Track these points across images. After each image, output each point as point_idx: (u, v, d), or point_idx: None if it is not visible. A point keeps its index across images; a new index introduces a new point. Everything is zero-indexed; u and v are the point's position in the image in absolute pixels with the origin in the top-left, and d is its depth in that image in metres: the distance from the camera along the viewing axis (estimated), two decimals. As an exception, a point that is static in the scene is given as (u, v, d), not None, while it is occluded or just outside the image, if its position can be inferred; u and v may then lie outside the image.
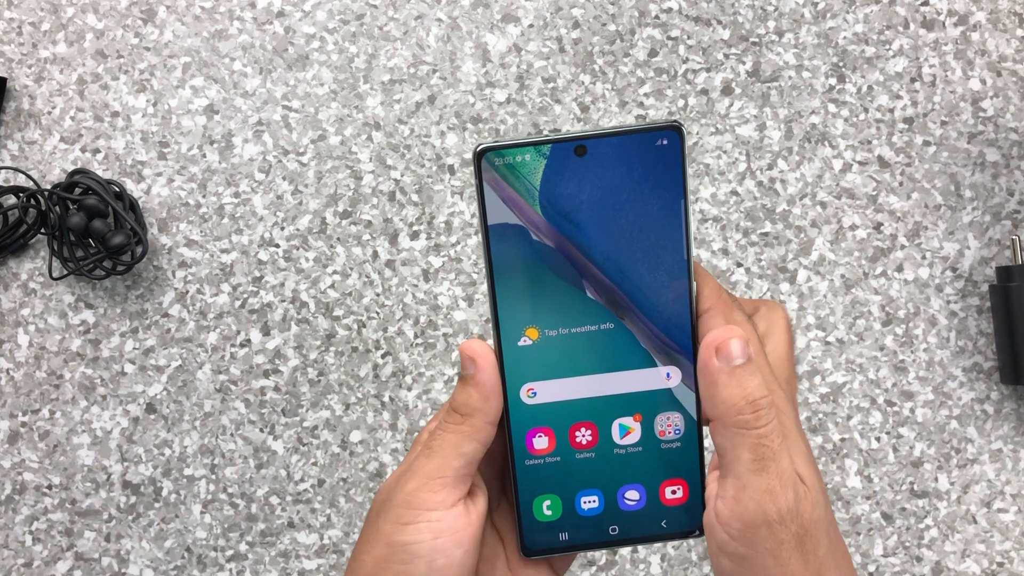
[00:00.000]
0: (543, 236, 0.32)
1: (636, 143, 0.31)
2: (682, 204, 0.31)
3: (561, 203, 0.31)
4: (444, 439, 0.32)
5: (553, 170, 0.31)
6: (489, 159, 0.31)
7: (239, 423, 0.55)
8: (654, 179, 0.31)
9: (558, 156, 0.31)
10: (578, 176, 0.31)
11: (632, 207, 0.31)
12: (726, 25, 0.56)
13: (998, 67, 0.55)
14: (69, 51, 0.56)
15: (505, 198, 0.31)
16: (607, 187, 0.31)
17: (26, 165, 0.56)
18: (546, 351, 0.33)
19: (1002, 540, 0.54)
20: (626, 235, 0.32)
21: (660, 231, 0.31)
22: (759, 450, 0.30)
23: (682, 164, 0.31)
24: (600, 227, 0.31)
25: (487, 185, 0.31)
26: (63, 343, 0.55)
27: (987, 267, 0.55)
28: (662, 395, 0.33)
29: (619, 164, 0.31)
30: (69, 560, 0.55)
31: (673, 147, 0.31)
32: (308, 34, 0.56)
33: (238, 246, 0.55)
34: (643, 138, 0.31)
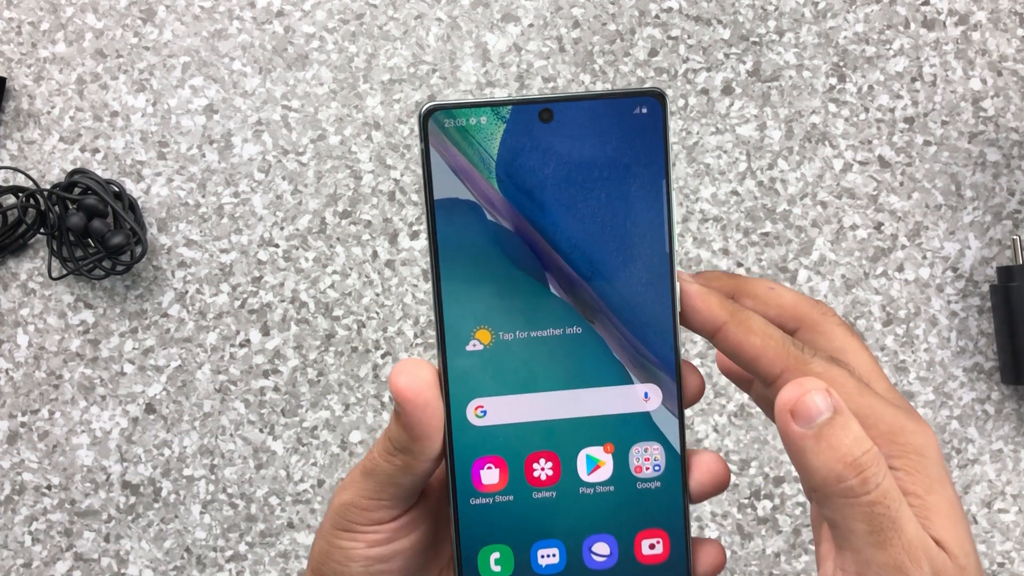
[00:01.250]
0: (499, 216, 0.27)
1: (611, 110, 0.27)
2: (663, 185, 0.27)
3: (522, 177, 0.27)
4: (380, 466, 0.28)
5: (513, 137, 0.26)
6: (437, 120, 0.26)
7: (239, 423, 0.55)
8: (631, 154, 0.27)
9: (519, 121, 0.26)
10: (542, 146, 0.27)
11: (605, 186, 0.27)
12: (726, 25, 0.56)
13: (999, 67, 0.55)
14: (68, 51, 0.56)
15: (456, 168, 0.26)
16: (576, 161, 0.27)
17: (25, 165, 0.56)
18: (499, 359, 0.27)
19: (1003, 540, 0.54)
20: (598, 219, 0.27)
21: (637, 216, 0.27)
22: (875, 520, 0.24)
23: (664, 137, 0.27)
24: (567, 208, 0.27)
25: (434, 151, 0.26)
26: (62, 343, 0.55)
27: (988, 267, 0.55)
28: (638, 420, 0.27)
29: (591, 134, 0.27)
30: (68, 560, 0.55)
31: (654, 117, 0.27)
32: (308, 33, 0.56)
33: (237, 246, 0.55)
34: (619, 104, 0.27)
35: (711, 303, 0.27)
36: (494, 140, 0.27)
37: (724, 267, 0.55)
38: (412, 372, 0.27)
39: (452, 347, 0.27)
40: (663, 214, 0.27)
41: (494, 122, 0.27)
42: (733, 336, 0.27)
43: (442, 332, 0.27)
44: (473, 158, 0.27)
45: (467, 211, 0.27)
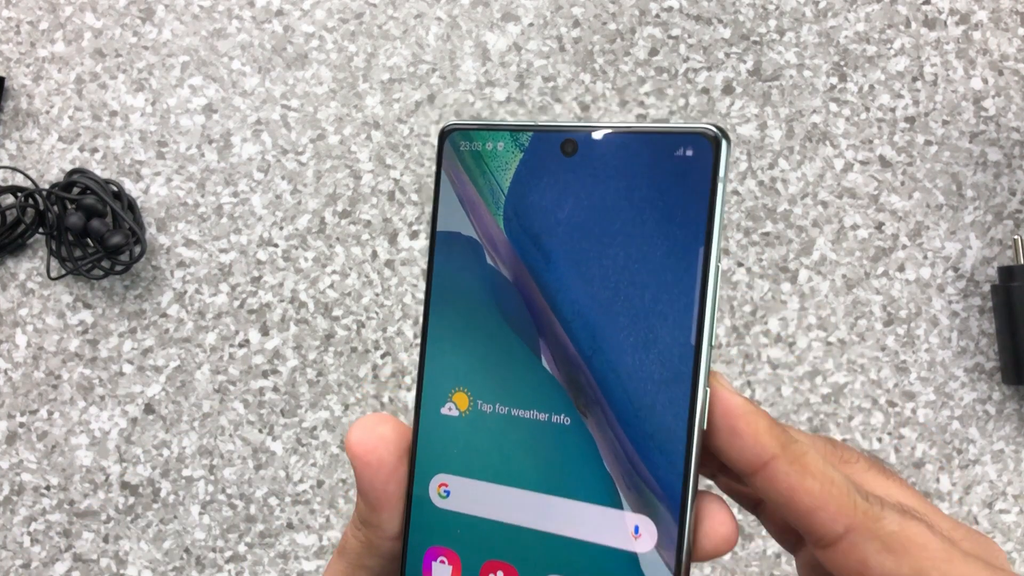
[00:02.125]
0: (500, 260, 0.23)
1: (647, 148, 0.22)
2: (700, 254, 0.21)
3: (530, 218, 0.22)
4: (349, 543, 0.25)
5: (529, 170, 0.23)
6: (454, 142, 0.23)
7: (238, 424, 0.54)
8: (665, 207, 0.21)
9: (539, 151, 0.23)
10: (560, 183, 0.22)
11: (627, 243, 0.22)
12: (727, 24, 0.55)
13: (1000, 66, 0.55)
14: (67, 50, 0.56)
15: (464, 198, 0.23)
16: (596, 206, 0.22)
17: (24, 164, 0.55)
18: (474, 432, 0.23)
19: (1004, 541, 0.54)
20: (611, 284, 0.22)
21: (661, 289, 0.21)
22: None
23: (710, 191, 0.21)
24: (576, 264, 0.22)
25: (445, 176, 0.23)
26: (61, 343, 0.55)
27: (989, 267, 0.55)
28: (623, 561, 0.21)
29: (617, 175, 0.22)
30: (67, 561, 0.55)
31: (701, 163, 0.21)
32: (307, 33, 0.56)
33: (237, 246, 0.55)
34: (658, 142, 0.22)
35: (759, 426, 0.21)
36: (508, 171, 0.23)
37: (725, 267, 0.55)
38: (368, 427, 0.23)
39: (427, 406, 0.23)
40: (694, 292, 0.21)
41: (512, 150, 0.23)
42: (784, 478, 0.20)
43: (420, 386, 0.23)
44: (483, 189, 0.23)
45: (467, 249, 0.23)
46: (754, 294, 0.55)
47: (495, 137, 0.23)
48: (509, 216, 0.23)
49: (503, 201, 0.23)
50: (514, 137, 0.23)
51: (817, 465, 0.21)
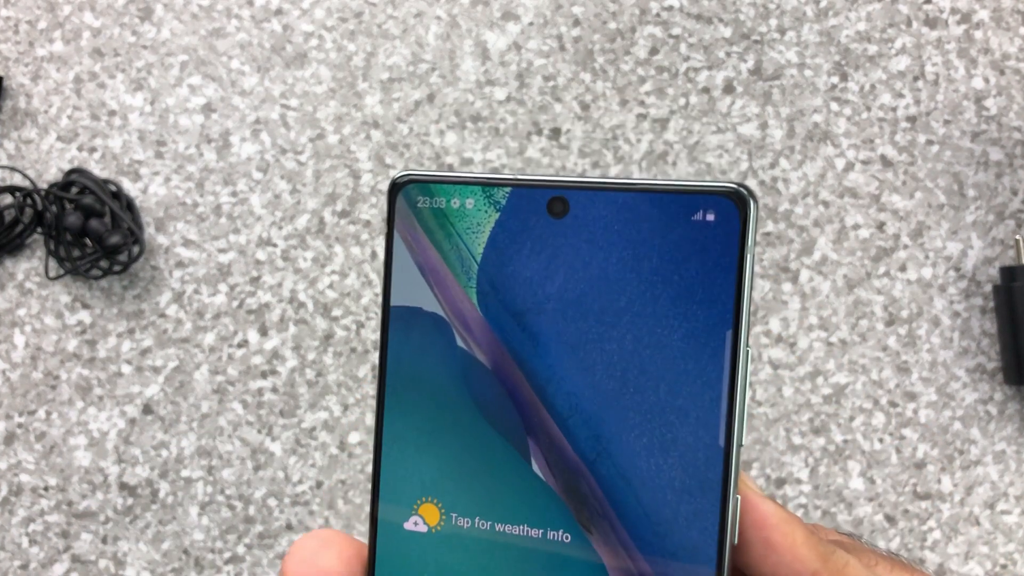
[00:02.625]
0: (474, 343, 0.19)
1: (659, 211, 0.18)
2: (728, 339, 0.18)
3: (512, 291, 0.19)
4: None
5: (508, 233, 0.19)
6: (409, 197, 0.19)
7: (237, 424, 0.54)
8: (683, 282, 0.18)
9: (520, 210, 0.19)
10: (547, 250, 0.19)
11: (636, 325, 0.18)
12: (727, 23, 0.55)
13: (1001, 65, 0.55)
14: (66, 49, 0.56)
15: (425, 266, 0.19)
16: (594, 279, 0.18)
17: (23, 164, 0.55)
18: (447, 553, 0.19)
19: (1006, 542, 0.54)
20: (617, 374, 0.18)
21: (683, 382, 0.18)
22: None
23: (738, 263, 0.18)
24: (573, 349, 0.18)
25: (399, 238, 0.19)
26: (59, 343, 0.55)
27: (990, 267, 0.54)
28: None
29: (622, 243, 0.18)
30: (66, 562, 0.54)
31: (726, 229, 0.18)
32: (306, 32, 0.55)
33: (235, 246, 0.55)
34: (673, 204, 0.18)
35: (795, 537, 0.18)
36: (481, 234, 0.19)
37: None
38: (307, 557, 0.18)
39: (385, 521, 0.19)
40: (721, 384, 0.18)
41: (485, 208, 0.19)
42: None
43: (376, 496, 0.19)
44: (449, 256, 0.19)
45: (432, 328, 0.19)
46: (755, 294, 0.55)
47: (463, 192, 0.19)
48: (484, 289, 0.19)
49: (475, 271, 0.19)
50: (487, 193, 0.19)
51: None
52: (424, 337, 0.19)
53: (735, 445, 0.18)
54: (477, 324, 0.19)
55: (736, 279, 0.18)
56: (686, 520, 0.18)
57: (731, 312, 0.18)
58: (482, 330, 0.19)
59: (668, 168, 0.54)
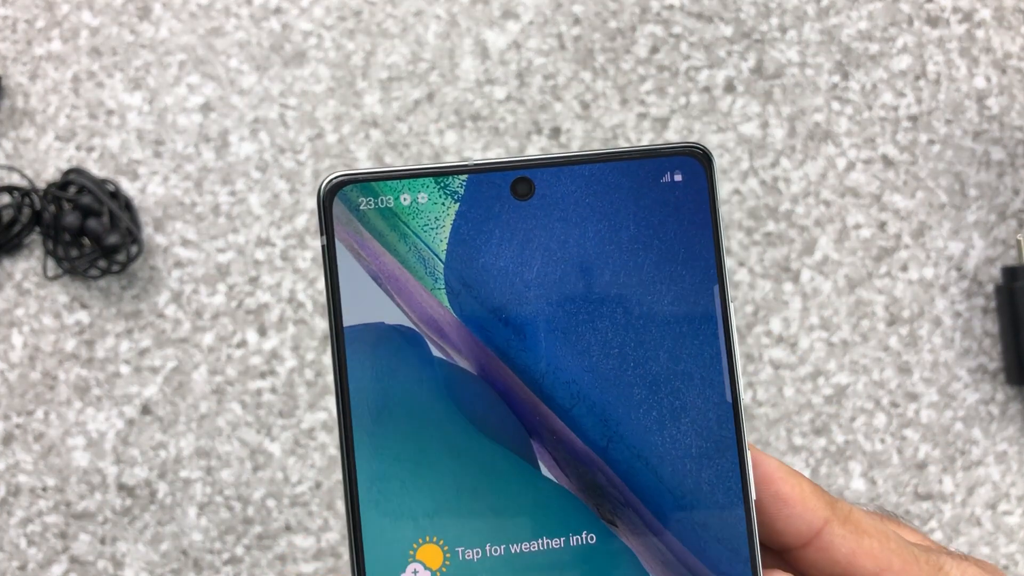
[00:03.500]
0: (453, 350, 0.17)
1: (626, 179, 0.18)
2: (716, 293, 0.18)
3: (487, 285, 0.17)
4: None
5: (471, 223, 0.17)
6: (348, 200, 0.17)
7: (235, 425, 0.54)
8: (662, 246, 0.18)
9: (481, 198, 0.18)
10: (519, 234, 0.18)
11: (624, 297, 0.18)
12: (728, 22, 0.55)
13: (1003, 64, 0.55)
14: (64, 48, 0.55)
15: (380, 274, 0.17)
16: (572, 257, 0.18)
17: (20, 163, 0.55)
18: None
19: (1007, 543, 0.54)
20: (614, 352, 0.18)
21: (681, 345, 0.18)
22: None
23: (712, 218, 0.18)
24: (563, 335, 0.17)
25: (343, 248, 0.17)
26: (57, 344, 0.54)
27: (992, 267, 0.54)
28: None
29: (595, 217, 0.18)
30: (64, 563, 0.54)
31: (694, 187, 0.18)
32: (305, 31, 0.55)
33: (234, 245, 0.55)
34: (635, 170, 0.18)
35: (804, 488, 0.18)
36: (441, 229, 0.17)
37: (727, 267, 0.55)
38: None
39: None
40: (717, 340, 0.18)
41: (441, 201, 0.17)
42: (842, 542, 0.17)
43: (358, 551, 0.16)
44: (409, 258, 0.17)
45: (400, 343, 0.17)
46: (756, 294, 0.55)
47: (413, 186, 0.17)
48: (455, 289, 0.17)
49: (441, 271, 0.17)
50: (441, 184, 0.17)
51: (869, 522, 0.18)
52: (392, 354, 0.17)
53: (740, 398, 0.18)
54: (453, 328, 0.17)
55: (713, 233, 0.18)
56: (709, 485, 0.17)
57: (714, 266, 0.18)
58: (460, 333, 0.17)
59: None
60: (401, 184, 0.18)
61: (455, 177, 0.18)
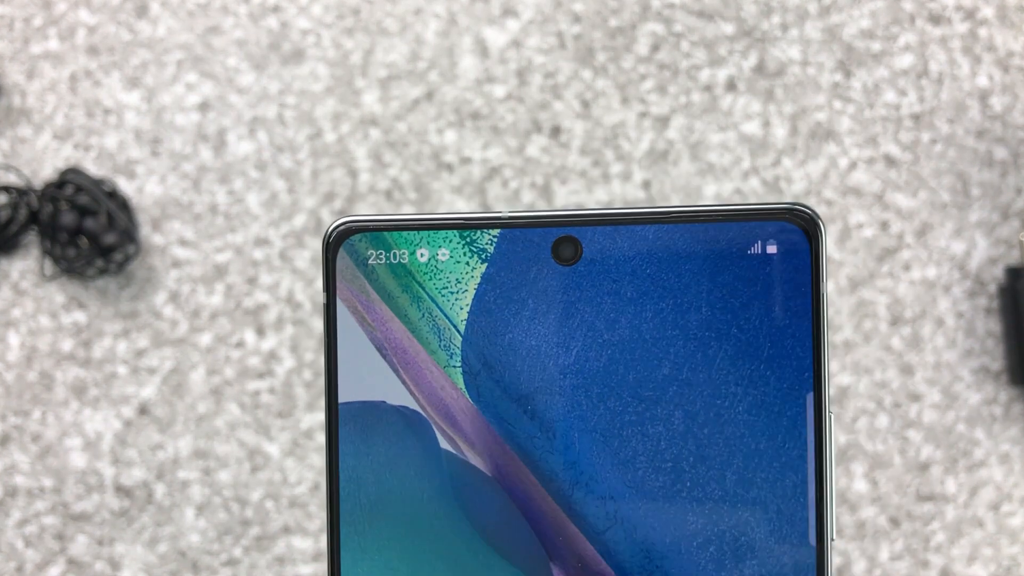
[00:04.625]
0: (465, 443, 0.14)
1: (702, 245, 0.14)
2: (809, 403, 0.14)
3: (514, 370, 0.14)
4: None
5: (501, 291, 0.14)
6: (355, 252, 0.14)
7: (233, 426, 0.54)
8: (742, 335, 0.14)
9: (516, 259, 0.14)
10: (557, 310, 0.14)
11: (686, 398, 0.14)
12: (729, 20, 0.55)
13: (1006, 63, 0.55)
14: (61, 47, 0.55)
15: (385, 344, 0.14)
16: (624, 343, 0.14)
17: (17, 163, 0.55)
18: None
19: (1010, 544, 0.54)
20: (668, 468, 0.14)
21: (756, 466, 0.14)
22: None
23: (813, 304, 0.14)
24: (603, 439, 0.14)
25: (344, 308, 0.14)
26: (55, 344, 0.54)
27: (995, 267, 0.54)
28: None
29: (655, 292, 0.14)
30: (61, 564, 0.54)
31: (791, 263, 0.14)
32: (303, 29, 0.55)
33: (232, 245, 0.54)
34: (721, 235, 0.14)
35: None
36: (463, 294, 0.14)
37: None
38: None
39: None
40: (805, 463, 0.14)
41: (465, 258, 0.14)
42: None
43: None
44: (421, 327, 0.14)
45: (403, 429, 0.14)
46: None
47: (432, 239, 0.14)
48: (474, 368, 0.14)
49: (459, 345, 0.14)
50: (467, 238, 0.14)
51: None
52: (393, 440, 0.14)
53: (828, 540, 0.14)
54: (467, 416, 0.14)
55: (812, 325, 0.14)
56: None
57: (810, 368, 0.14)
58: (475, 424, 0.14)
59: (669, 167, 0.54)
60: (419, 236, 0.14)
61: (485, 232, 0.14)
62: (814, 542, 0.14)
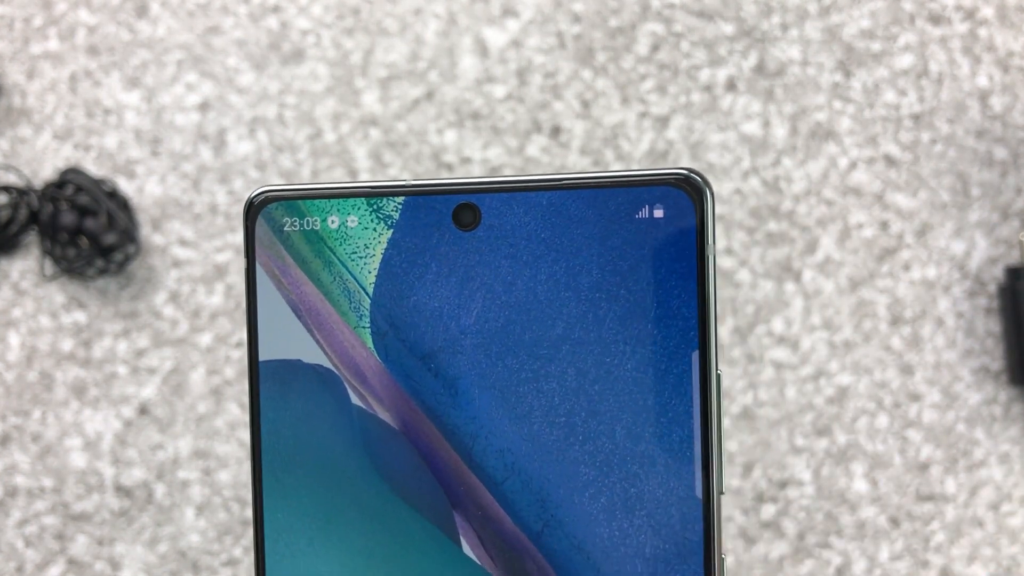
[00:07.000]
0: (374, 398, 0.15)
1: (593, 211, 0.15)
2: (694, 361, 0.15)
3: (418, 330, 0.15)
4: None
5: (404, 254, 0.15)
6: (271, 219, 0.15)
7: (234, 426, 0.54)
8: (630, 296, 0.15)
9: (419, 225, 0.15)
10: (459, 273, 0.15)
11: (577, 355, 0.15)
12: (729, 20, 0.55)
13: (1006, 63, 0.55)
14: (61, 47, 0.55)
15: (301, 305, 0.15)
16: (519, 302, 0.15)
17: (18, 163, 0.55)
18: None
19: (1010, 544, 0.54)
20: (560, 420, 0.15)
21: (643, 420, 0.14)
22: None
23: (699, 266, 0.15)
24: (501, 393, 0.15)
25: (263, 272, 0.15)
26: (55, 344, 0.54)
27: (995, 267, 0.54)
28: None
29: (550, 256, 0.15)
30: (61, 564, 0.54)
31: (679, 225, 0.15)
32: (303, 29, 0.55)
33: (232, 245, 0.54)
34: (609, 201, 0.15)
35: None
36: (371, 259, 0.15)
37: (728, 266, 0.54)
38: None
39: None
40: (691, 419, 0.14)
41: (372, 225, 0.15)
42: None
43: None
44: (333, 290, 0.15)
45: (317, 385, 0.15)
46: (757, 294, 0.54)
47: (342, 207, 0.15)
48: (381, 329, 0.15)
49: (368, 307, 0.15)
50: (373, 206, 0.15)
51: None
52: (308, 396, 0.15)
53: (715, 493, 0.14)
54: (376, 374, 0.15)
55: (697, 286, 0.14)
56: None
57: (695, 328, 0.14)
58: (383, 381, 0.15)
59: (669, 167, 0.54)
60: (329, 204, 0.15)
61: (390, 199, 0.15)
62: (700, 495, 0.14)
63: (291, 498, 0.15)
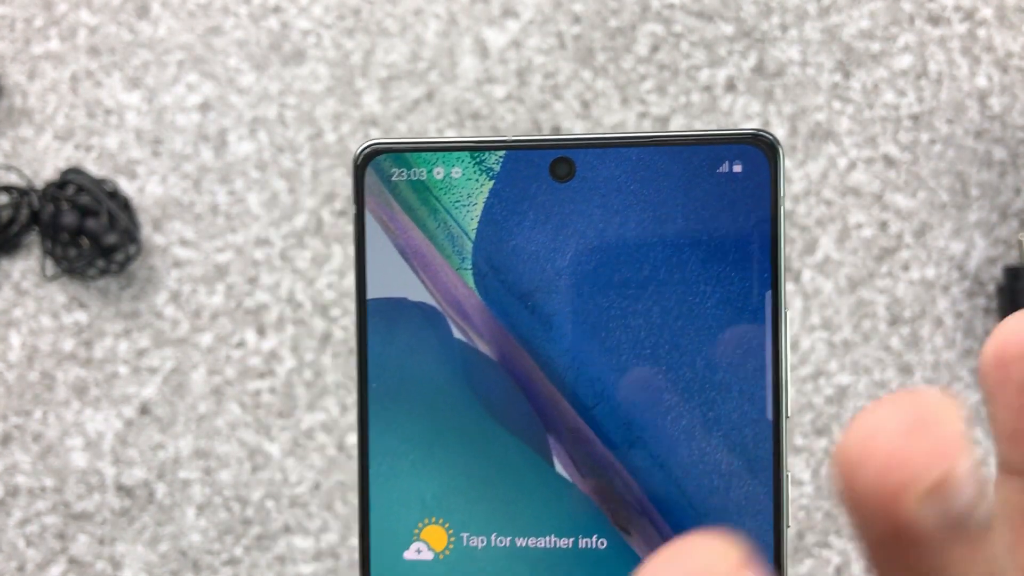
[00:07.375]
0: (475, 334, 0.17)
1: (678, 166, 0.16)
2: (767, 301, 0.16)
3: (516, 270, 0.16)
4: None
5: (505, 203, 0.17)
6: (381, 169, 0.17)
7: (234, 425, 0.54)
8: (711, 243, 0.16)
9: (517, 176, 0.17)
10: (554, 221, 0.17)
11: (662, 295, 0.16)
12: (729, 20, 0.55)
13: (1005, 63, 0.55)
14: (62, 47, 0.55)
15: (407, 248, 0.17)
16: (610, 247, 0.16)
17: (19, 163, 0.55)
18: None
19: (1009, 544, 0.54)
20: (646, 353, 0.16)
21: (721, 353, 0.16)
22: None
23: (772, 216, 0.16)
24: (592, 329, 0.16)
25: (372, 218, 0.17)
26: (56, 344, 0.54)
27: (993, 267, 0.54)
28: None
29: (637, 203, 0.16)
30: (62, 564, 0.54)
31: (755, 180, 0.16)
32: (304, 29, 0.55)
33: (233, 245, 0.54)
34: (693, 157, 0.16)
35: None
36: (473, 207, 0.16)
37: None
38: None
39: (381, 553, 0.16)
40: (764, 351, 0.16)
41: (475, 176, 0.16)
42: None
43: (366, 525, 0.16)
44: (436, 234, 0.17)
45: (421, 321, 0.16)
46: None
47: (447, 160, 0.16)
48: (482, 270, 0.16)
49: (470, 250, 0.16)
50: (477, 159, 0.16)
51: None
52: (413, 331, 0.16)
53: (784, 417, 0.16)
54: (477, 311, 0.16)
55: (771, 234, 0.16)
56: (736, 506, 0.16)
57: (768, 271, 0.16)
58: (483, 317, 0.16)
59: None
60: (435, 157, 0.17)
61: (492, 153, 0.17)
62: (770, 417, 0.16)
63: (394, 424, 0.16)
